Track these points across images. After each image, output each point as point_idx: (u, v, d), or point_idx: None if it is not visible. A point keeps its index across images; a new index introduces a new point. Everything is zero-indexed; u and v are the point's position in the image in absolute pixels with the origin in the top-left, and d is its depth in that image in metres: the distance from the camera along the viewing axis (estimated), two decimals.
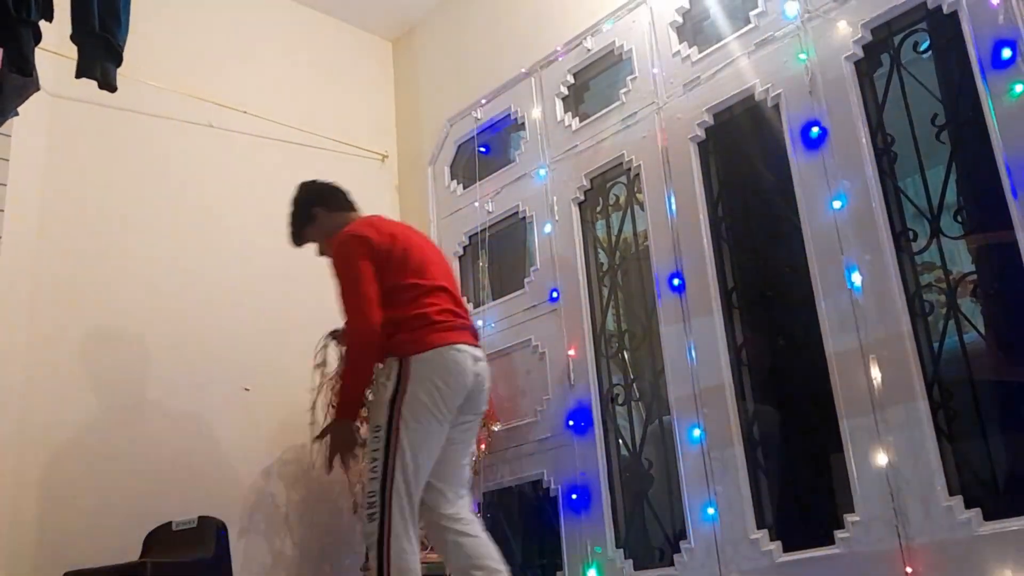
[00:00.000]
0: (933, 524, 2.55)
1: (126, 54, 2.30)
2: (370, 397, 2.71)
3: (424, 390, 2.52)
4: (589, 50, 3.86)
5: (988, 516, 2.48)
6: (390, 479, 2.45)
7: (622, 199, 3.70)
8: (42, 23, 2.17)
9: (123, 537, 3.28)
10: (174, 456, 3.54)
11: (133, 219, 3.73)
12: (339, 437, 2.66)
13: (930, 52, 2.90)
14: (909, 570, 2.56)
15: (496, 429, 3.73)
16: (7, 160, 3.32)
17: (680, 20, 3.55)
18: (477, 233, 4.16)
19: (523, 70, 4.13)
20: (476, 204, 4.19)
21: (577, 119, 3.88)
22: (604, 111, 3.73)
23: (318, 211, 3.01)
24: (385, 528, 2.42)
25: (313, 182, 3.14)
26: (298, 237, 3.08)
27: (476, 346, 2.72)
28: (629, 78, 3.65)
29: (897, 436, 2.66)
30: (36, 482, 3.20)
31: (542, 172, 3.92)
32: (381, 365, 2.63)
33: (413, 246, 2.78)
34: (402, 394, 2.50)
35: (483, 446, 3.72)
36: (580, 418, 3.50)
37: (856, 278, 2.83)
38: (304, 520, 3.82)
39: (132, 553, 3.24)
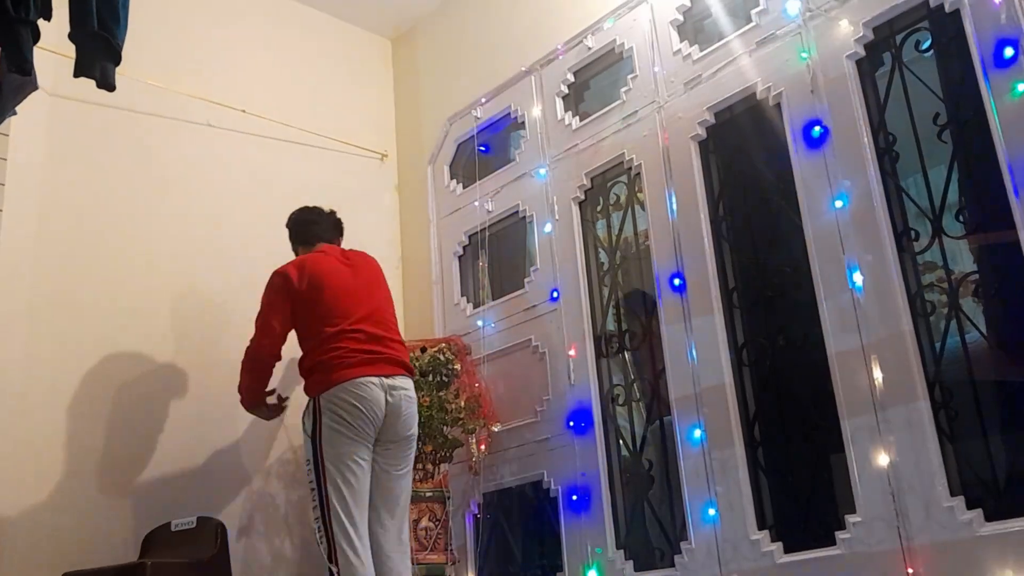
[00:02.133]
0: (934, 525, 2.54)
1: (125, 53, 2.29)
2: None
3: (334, 420, 2.80)
4: (590, 48, 3.85)
5: (989, 517, 2.47)
6: (327, 504, 2.74)
7: (623, 198, 3.70)
8: (41, 22, 2.16)
9: (122, 538, 3.28)
10: (173, 456, 3.53)
11: (132, 218, 3.72)
12: (254, 413, 3.24)
13: (932, 51, 2.89)
14: (910, 571, 2.55)
15: (496, 429, 3.73)
16: (5, 159, 3.32)
17: (681, 18, 3.55)
18: (477, 233, 4.15)
19: (523, 68, 4.12)
20: (476, 203, 4.18)
21: (577, 118, 3.87)
22: (605, 110, 3.72)
23: (295, 245, 3.38)
24: (333, 550, 2.69)
25: (298, 210, 3.44)
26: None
27: (393, 375, 2.92)
28: (630, 77, 3.65)
29: (898, 436, 2.65)
30: (35, 483, 3.19)
31: (542, 171, 3.90)
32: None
33: (328, 286, 3.02)
34: (319, 428, 2.81)
35: (483, 447, 3.72)
36: (580, 418, 3.50)
37: (857, 278, 2.82)
38: (303, 520, 3.81)
39: (131, 554, 3.23)
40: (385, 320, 3.06)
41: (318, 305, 2.98)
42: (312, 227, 3.34)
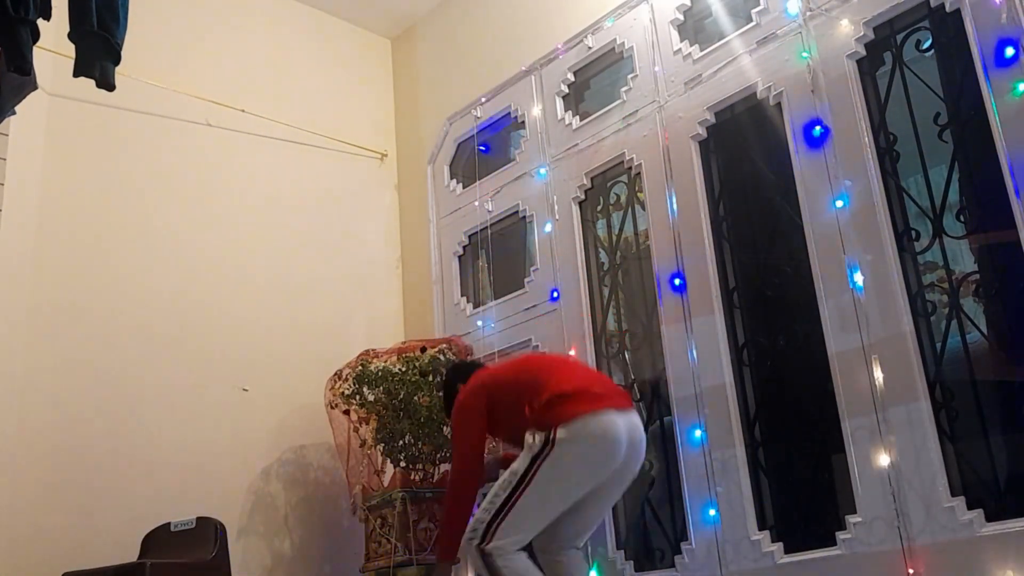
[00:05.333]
0: (935, 525, 2.54)
1: (124, 52, 2.28)
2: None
3: (571, 453, 2.47)
4: (590, 48, 3.85)
5: (990, 517, 2.47)
6: (500, 520, 2.45)
7: (623, 198, 3.69)
8: (40, 21, 2.16)
9: (121, 538, 3.27)
10: (172, 457, 3.53)
11: (131, 218, 3.72)
12: None
13: (932, 50, 2.89)
14: (911, 571, 2.55)
15: None
16: (5, 159, 3.31)
17: (681, 18, 3.54)
18: (477, 233, 4.15)
19: (523, 68, 4.12)
20: (476, 203, 4.18)
21: (578, 118, 3.86)
22: (605, 109, 3.72)
23: (460, 386, 2.95)
24: (485, 555, 2.44)
25: (456, 363, 3.28)
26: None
27: (627, 410, 2.60)
28: (630, 76, 3.64)
29: (899, 436, 2.65)
30: (35, 483, 3.19)
31: (542, 171, 3.90)
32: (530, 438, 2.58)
33: (523, 368, 2.83)
34: (548, 451, 2.46)
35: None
36: None
37: (858, 278, 2.82)
38: (303, 521, 3.81)
39: (130, 554, 3.23)
40: (593, 375, 2.94)
41: (518, 378, 2.79)
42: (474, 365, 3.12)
